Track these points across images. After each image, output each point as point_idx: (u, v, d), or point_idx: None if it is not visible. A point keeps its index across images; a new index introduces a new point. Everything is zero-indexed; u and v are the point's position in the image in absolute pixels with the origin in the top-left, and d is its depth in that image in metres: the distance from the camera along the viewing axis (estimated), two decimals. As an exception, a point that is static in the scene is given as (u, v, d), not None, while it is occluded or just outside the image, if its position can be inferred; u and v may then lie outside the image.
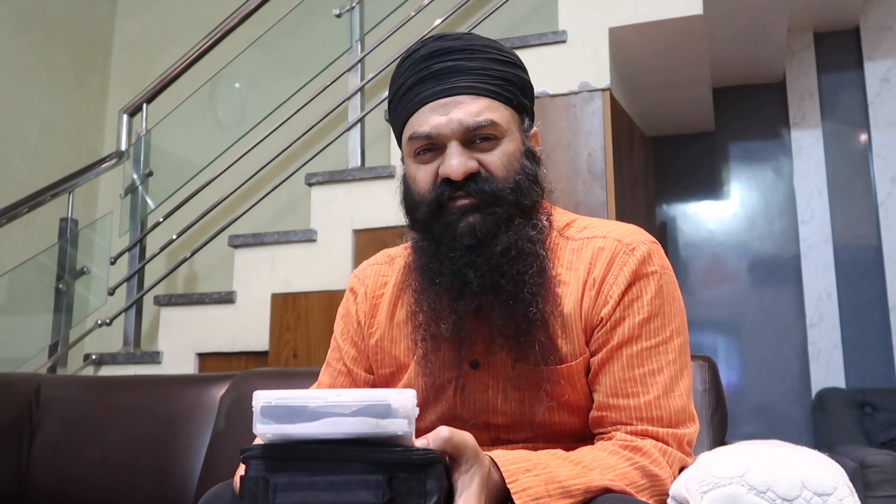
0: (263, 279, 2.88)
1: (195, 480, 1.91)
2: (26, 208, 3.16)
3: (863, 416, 3.34)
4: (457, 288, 1.05)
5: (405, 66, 1.12)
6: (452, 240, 1.05)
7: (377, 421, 0.79)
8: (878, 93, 3.82)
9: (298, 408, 0.79)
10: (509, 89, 1.10)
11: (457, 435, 0.85)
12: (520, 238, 1.06)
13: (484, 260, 1.04)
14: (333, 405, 0.79)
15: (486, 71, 1.08)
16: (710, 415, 1.57)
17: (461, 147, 1.06)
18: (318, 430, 0.79)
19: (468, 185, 1.05)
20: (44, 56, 3.89)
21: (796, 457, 0.94)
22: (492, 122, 1.06)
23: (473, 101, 1.06)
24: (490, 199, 1.05)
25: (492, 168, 1.06)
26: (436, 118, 1.06)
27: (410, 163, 1.11)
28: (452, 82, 1.07)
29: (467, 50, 1.09)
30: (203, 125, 3.56)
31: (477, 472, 0.85)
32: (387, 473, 0.79)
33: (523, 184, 1.07)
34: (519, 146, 1.10)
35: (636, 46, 2.83)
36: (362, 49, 3.19)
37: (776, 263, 3.88)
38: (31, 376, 2.25)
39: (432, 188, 1.07)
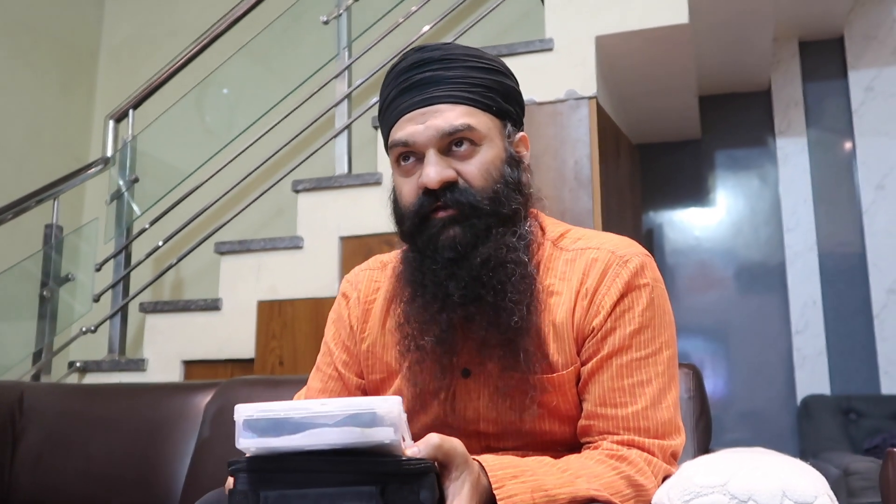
0: (250, 286, 2.87)
1: (179, 488, 1.90)
2: (11, 214, 3.14)
3: (848, 422, 3.35)
4: (439, 300, 1.06)
5: (389, 79, 1.14)
6: (435, 252, 1.07)
7: (362, 430, 0.77)
8: (863, 101, 3.85)
9: (282, 420, 0.78)
10: (488, 96, 1.10)
11: (447, 442, 0.85)
12: (499, 247, 1.06)
13: (465, 272, 1.05)
14: (317, 416, 0.77)
15: (463, 79, 1.09)
16: (694, 422, 1.57)
17: (438, 156, 1.07)
18: (303, 441, 0.77)
19: (445, 195, 1.06)
20: (30, 61, 3.87)
21: (778, 465, 0.95)
22: (468, 127, 1.07)
23: (451, 109, 1.07)
24: (468, 211, 1.06)
25: (469, 178, 1.07)
26: (413, 126, 1.08)
27: (396, 174, 1.13)
28: (430, 92, 1.08)
29: (445, 59, 1.10)
30: (190, 131, 3.55)
31: (467, 479, 0.86)
32: (380, 484, 0.79)
33: (502, 192, 1.08)
34: (500, 153, 1.10)
35: (623, 55, 2.84)
36: (349, 56, 3.19)
37: (762, 271, 3.90)
38: (15, 384, 2.23)
39: (415, 200, 1.08)
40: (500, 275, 1.05)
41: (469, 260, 1.05)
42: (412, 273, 1.10)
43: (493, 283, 1.05)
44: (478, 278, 1.05)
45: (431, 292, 1.07)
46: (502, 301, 1.05)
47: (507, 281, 1.05)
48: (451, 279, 1.05)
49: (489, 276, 1.05)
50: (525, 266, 1.07)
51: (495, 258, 1.05)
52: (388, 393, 1.18)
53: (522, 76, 2.82)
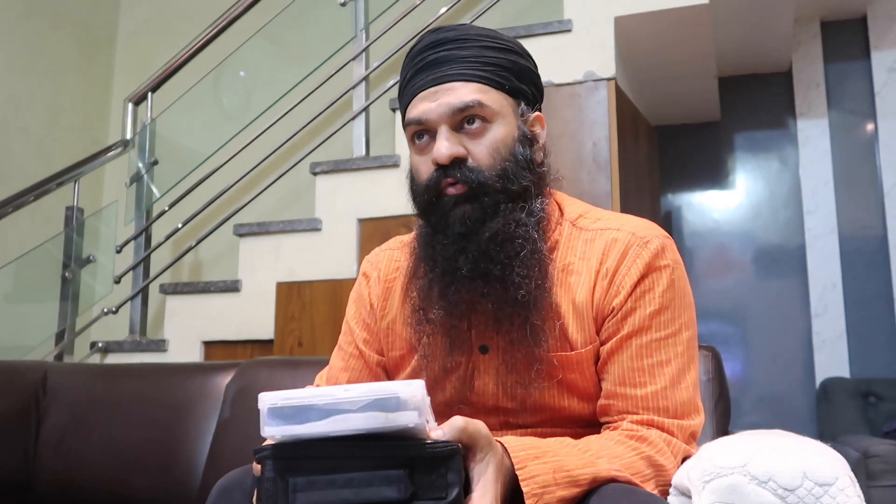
0: (268, 268, 2.89)
1: (201, 468, 1.92)
2: (32, 197, 3.17)
3: (867, 405, 3.34)
4: (449, 274, 1.08)
5: (406, 60, 1.16)
6: (446, 228, 1.09)
7: (386, 415, 0.78)
8: (885, 82, 3.80)
9: (306, 407, 0.78)
10: (502, 74, 1.12)
11: (471, 424, 0.85)
12: (508, 222, 1.07)
13: (474, 246, 1.06)
14: (341, 402, 0.78)
15: (476, 58, 1.11)
16: (713, 405, 1.57)
17: (450, 132, 1.08)
18: (327, 428, 0.78)
19: (455, 171, 1.07)
20: (49, 45, 3.89)
21: (798, 447, 0.95)
22: (479, 103, 1.08)
23: (463, 86, 1.09)
24: (476, 188, 1.07)
25: (477, 157, 1.08)
26: (426, 104, 1.10)
27: (412, 153, 1.15)
28: (443, 70, 1.10)
29: (459, 39, 1.12)
30: (208, 114, 3.56)
31: (491, 461, 0.86)
32: (407, 468, 0.79)
33: (511, 170, 1.09)
34: (511, 131, 1.11)
35: (642, 36, 2.82)
36: (367, 38, 3.18)
37: (781, 253, 3.88)
38: (38, 364, 2.26)
39: (428, 177, 1.10)
40: (507, 249, 1.06)
41: (478, 235, 1.06)
42: (424, 248, 1.13)
43: (500, 257, 1.06)
44: (485, 253, 1.06)
45: (442, 267, 1.09)
46: (510, 275, 1.06)
47: (514, 255, 1.06)
48: (460, 254, 1.07)
49: (496, 250, 1.06)
50: (535, 242, 1.08)
51: (503, 233, 1.07)
52: (407, 368, 1.20)
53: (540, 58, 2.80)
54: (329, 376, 1.29)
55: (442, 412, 1.17)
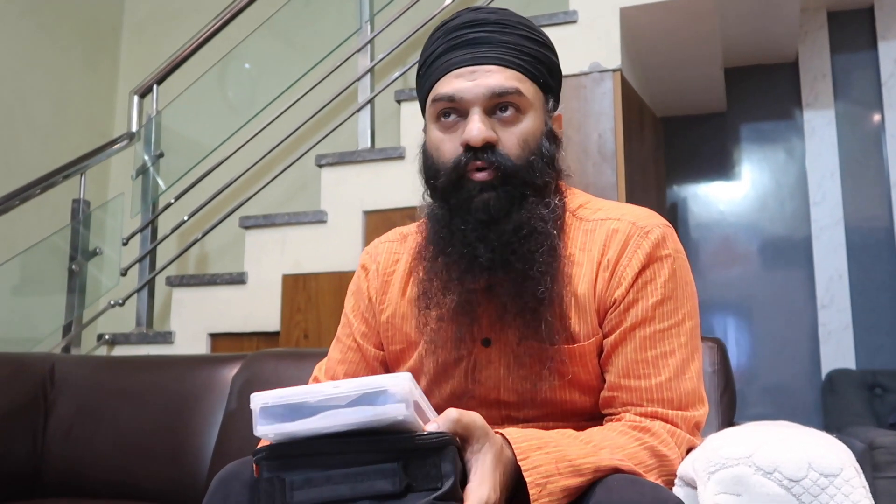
0: (274, 260, 2.90)
1: (208, 459, 1.93)
2: (39, 190, 3.17)
3: (872, 397, 3.34)
4: (466, 261, 1.06)
5: (437, 35, 1.14)
6: (467, 213, 1.06)
7: (374, 408, 0.78)
8: (892, 73, 3.79)
9: (297, 405, 0.79)
10: (538, 67, 1.11)
11: (465, 415, 0.85)
12: (532, 217, 1.06)
13: (496, 236, 1.05)
14: (331, 398, 0.79)
15: (517, 46, 1.09)
16: (718, 396, 1.57)
17: (483, 115, 1.07)
18: (318, 424, 0.79)
19: (485, 155, 1.06)
20: (54, 38, 3.89)
21: (803, 438, 0.95)
22: (518, 91, 1.07)
23: (501, 71, 1.08)
24: (504, 176, 1.06)
25: (508, 145, 1.07)
26: (462, 82, 1.08)
27: (433, 129, 1.12)
28: (483, 52, 1.08)
29: (501, 23, 1.10)
30: (213, 106, 3.56)
31: (489, 450, 0.86)
32: (402, 460, 0.79)
33: (537, 164, 1.08)
34: (541, 126, 1.11)
35: (647, 27, 2.81)
36: (372, 30, 3.18)
37: (787, 245, 3.87)
38: (46, 356, 2.27)
39: (454, 157, 1.08)
40: (530, 243, 1.05)
41: (501, 225, 1.05)
42: (439, 230, 1.10)
43: (522, 250, 1.05)
44: (508, 244, 1.05)
45: (459, 252, 1.07)
46: (530, 270, 1.05)
47: (536, 251, 1.05)
48: (480, 241, 1.05)
49: (520, 243, 1.05)
50: (553, 238, 1.07)
51: (528, 226, 1.05)
52: (408, 362, 1.19)
53: (546, 49, 2.78)
54: (327, 368, 1.29)
55: (444, 406, 1.16)
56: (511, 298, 1.06)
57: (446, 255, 1.08)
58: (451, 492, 0.80)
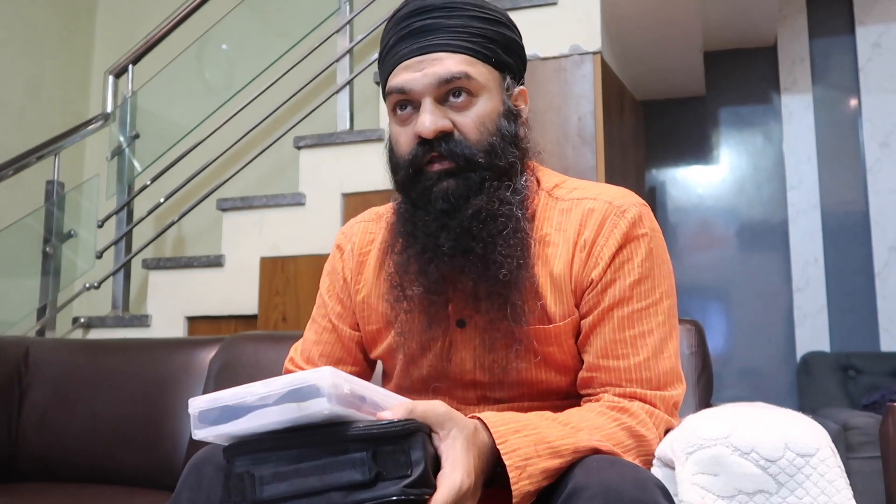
0: (252, 243, 2.87)
1: (185, 443, 1.92)
2: (12, 171, 3.13)
3: (846, 379, 3.38)
4: (430, 250, 1.06)
5: (389, 25, 1.13)
6: (427, 203, 1.06)
7: (298, 405, 0.78)
8: (870, 58, 3.81)
9: (232, 406, 0.81)
10: (489, 47, 1.09)
11: (420, 405, 0.85)
12: (492, 200, 1.06)
13: (456, 223, 1.05)
14: (261, 397, 0.80)
15: (464, 28, 1.08)
16: (696, 378, 1.58)
17: (435, 104, 1.06)
18: (248, 424, 0.80)
19: (440, 146, 1.05)
20: (27, 16, 3.82)
21: (780, 419, 0.96)
22: (466, 76, 1.06)
23: (450, 57, 1.06)
24: (463, 163, 1.05)
25: (465, 129, 1.06)
26: (410, 74, 1.07)
27: (392, 123, 1.12)
28: (429, 39, 1.07)
29: (447, 7, 1.08)
30: (190, 87, 3.52)
31: (458, 435, 0.85)
32: (370, 449, 0.79)
33: (497, 146, 1.07)
34: (497, 106, 1.09)
35: (628, 9, 2.81)
36: (351, 10, 3.15)
37: (764, 228, 3.90)
38: (20, 339, 2.25)
39: (410, 150, 1.07)
40: (490, 227, 1.05)
41: (461, 212, 1.05)
42: (404, 224, 1.10)
43: (482, 235, 1.05)
44: (468, 230, 1.05)
45: (422, 243, 1.07)
46: (492, 254, 1.05)
47: (497, 234, 1.05)
48: (442, 230, 1.05)
49: (479, 228, 1.05)
50: (518, 220, 1.07)
51: (487, 210, 1.05)
52: (384, 343, 1.19)
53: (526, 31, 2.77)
54: (303, 349, 1.29)
55: (420, 388, 1.17)
56: (477, 283, 1.06)
57: (411, 247, 1.08)
58: (421, 479, 0.80)
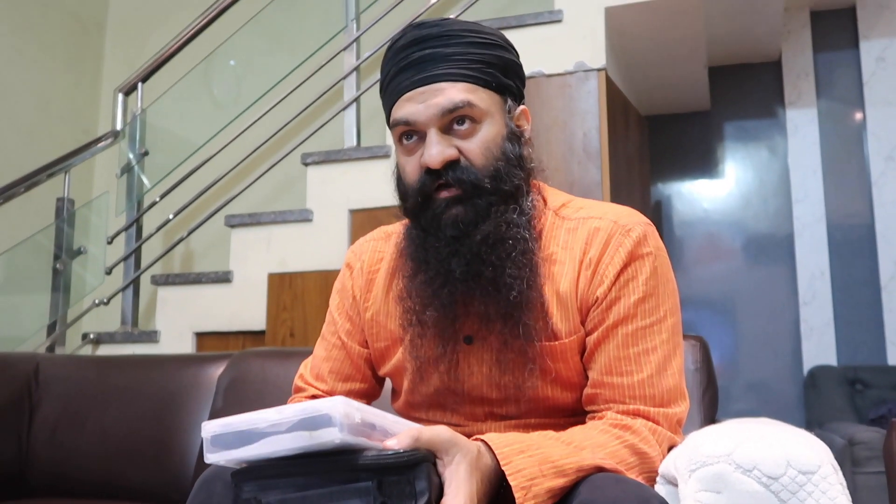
0: (260, 259, 2.89)
1: (193, 459, 1.93)
2: (23, 188, 3.16)
3: (854, 393, 3.37)
4: (442, 276, 1.08)
5: (388, 56, 1.14)
6: (438, 230, 1.08)
7: (310, 433, 0.79)
8: (874, 72, 3.82)
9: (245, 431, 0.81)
10: (488, 72, 1.11)
11: (426, 432, 0.86)
12: (499, 224, 1.08)
13: (466, 248, 1.07)
14: (273, 424, 0.80)
15: (463, 56, 1.09)
16: (701, 393, 1.59)
17: (440, 135, 1.07)
18: (260, 451, 0.81)
19: (448, 174, 1.07)
20: (38, 34, 3.87)
21: (782, 436, 0.96)
22: (469, 104, 1.07)
23: (451, 87, 1.08)
24: (470, 190, 1.07)
25: (471, 156, 1.08)
26: (413, 106, 1.08)
27: (399, 152, 1.14)
28: (429, 70, 1.09)
29: (444, 36, 1.10)
30: (198, 104, 3.55)
31: (462, 461, 0.86)
32: (376, 479, 0.80)
33: (503, 169, 1.09)
34: (500, 129, 1.11)
35: (632, 26, 2.83)
36: (358, 28, 3.18)
37: (770, 242, 3.90)
38: (30, 356, 2.26)
39: (417, 179, 1.09)
40: (499, 251, 1.07)
41: (470, 237, 1.07)
42: (415, 250, 1.12)
43: (492, 258, 1.07)
44: (478, 255, 1.07)
45: (434, 269, 1.09)
46: (501, 276, 1.07)
47: (506, 257, 1.07)
48: (453, 256, 1.07)
49: (488, 252, 1.07)
50: (525, 241, 1.09)
51: (494, 235, 1.07)
52: (392, 359, 1.21)
53: (531, 48, 2.81)
54: (312, 366, 1.30)
55: (428, 404, 1.18)
56: (488, 304, 1.08)
57: (423, 272, 1.11)
58: None
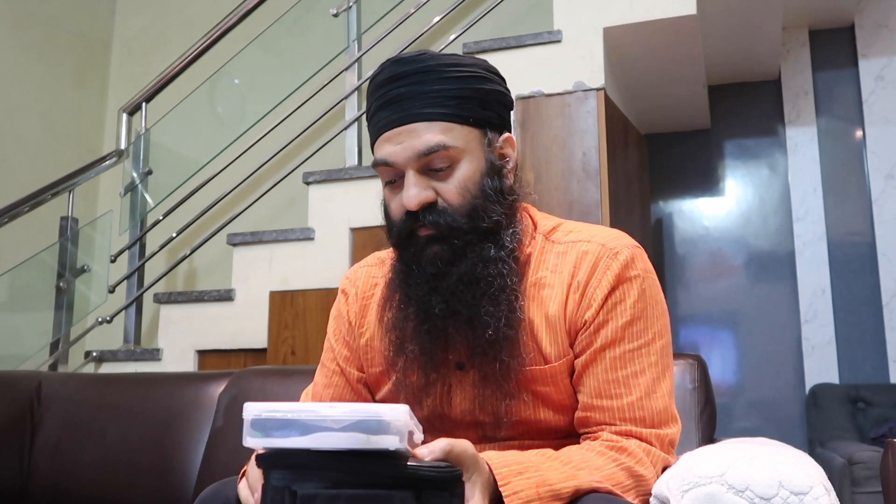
0: (262, 277, 2.91)
1: (194, 477, 1.94)
2: (27, 207, 3.18)
3: (856, 411, 3.37)
4: (423, 311, 1.10)
5: (369, 91, 1.14)
6: (419, 267, 1.09)
7: (368, 437, 0.77)
8: (873, 90, 3.84)
9: (289, 420, 0.78)
10: (466, 107, 1.09)
11: (457, 446, 0.86)
12: (475, 264, 1.08)
13: (444, 286, 1.08)
14: (324, 419, 0.78)
15: (439, 94, 1.08)
16: (699, 413, 1.59)
17: (418, 176, 1.08)
18: (308, 444, 0.78)
19: (425, 216, 1.08)
20: (43, 54, 3.91)
21: (775, 456, 0.97)
22: (443, 146, 1.07)
23: (426, 128, 1.07)
24: (446, 231, 1.08)
25: (447, 197, 1.08)
26: (391, 147, 1.09)
27: (384, 188, 1.15)
28: (404, 109, 1.08)
29: (420, 73, 1.08)
30: (201, 124, 3.58)
31: (478, 479, 0.88)
32: (414, 489, 0.79)
33: (480, 207, 1.09)
34: (479, 165, 1.10)
35: (631, 46, 2.85)
36: (359, 48, 3.21)
37: (771, 260, 3.91)
38: (33, 374, 2.27)
39: (399, 219, 1.11)
40: (474, 290, 1.08)
41: (448, 276, 1.08)
42: (399, 283, 1.14)
43: (466, 298, 1.07)
44: (455, 293, 1.08)
45: (416, 304, 1.10)
46: (476, 315, 1.07)
47: (481, 296, 1.08)
48: (433, 293, 1.08)
49: (464, 291, 1.07)
50: (504, 277, 1.09)
51: (470, 275, 1.08)
52: (388, 384, 1.21)
53: (531, 68, 2.83)
54: (314, 393, 1.31)
55: (423, 428, 1.19)
56: (464, 343, 1.10)
57: (407, 307, 1.12)
58: None
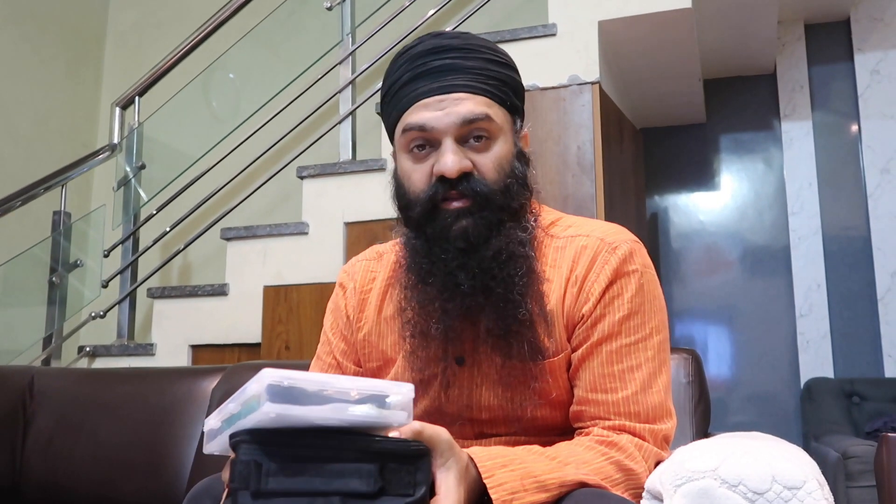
0: (256, 272, 2.90)
1: (187, 471, 1.93)
2: (20, 201, 3.17)
3: (850, 405, 3.37)
4: (448, 289, 1.07)
5: (401, 62, 1.12)
6: (445, 241, 1.07)
7: (380, 411, 0.80)
8: (868, 84, 3.84)
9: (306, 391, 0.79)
10: (504, 90, 1.11)
11: (428, 429, 0.86)
12: (510, 241, 1.07)
13: (475, 263, 1.06)
14: (340, 391, 0.79)
15: (482, 71, 1.09)
16: (693, 407, 1.59)
17: (456, 145, 1.07)
18: (325, 414, 0.79)
19: (461, 184, 1.06)
20: (36, 48, 3.89)
21: (769, 451, 0.96)
22: (488, 117, 1.07)
23: (471, 98, 1.07)
24: (482, 202, 1.06)
25: (484, 170, 1.08)
26: (431, 113, 1.07)
27: (404, 158, 1.12)
28: (449, 80, 1.08)
29: (465, 49, 1.09)
30: (195, 118, 3.57)
31: (454, 465, 0.87)
32: (379, 463, 0.80)
33: (513, 187, 1.09)
34: (511, 148, 1.11)
35: (626, 40, 2.84)
36: (353, 42, 3.20)
37: (766, 254, 3.91)
38: (25, 369, 2.27)
39: (427, 187, 1.08)
40: (510, 268, 1.06)
41: (480, 252, 1.06)
42: (419, 261, 1.10)
43: (503, 275, 1.06)
44: (488, 270, 1.06)
45: (441, 281, 1.07)
46: (510, 293, 1.06)
47: (516, 274, 1.06)
48: (461, 269, 1.06)
49: (500, 268, 1.06)
50: (531, 260, 1.09)
51: (506, 251, 1.07)
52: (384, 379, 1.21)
53: (525, 62, 2.82)
54: None
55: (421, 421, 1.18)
56: (494, 322, 1.07)
57: (428, 283, 1.09)
58: (421, 500, 0.82)
